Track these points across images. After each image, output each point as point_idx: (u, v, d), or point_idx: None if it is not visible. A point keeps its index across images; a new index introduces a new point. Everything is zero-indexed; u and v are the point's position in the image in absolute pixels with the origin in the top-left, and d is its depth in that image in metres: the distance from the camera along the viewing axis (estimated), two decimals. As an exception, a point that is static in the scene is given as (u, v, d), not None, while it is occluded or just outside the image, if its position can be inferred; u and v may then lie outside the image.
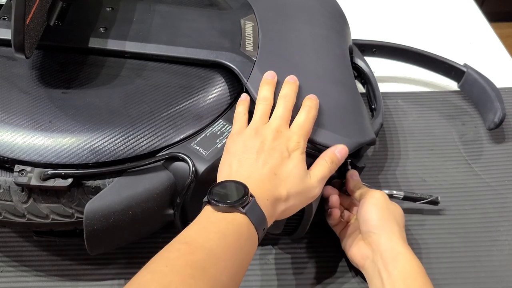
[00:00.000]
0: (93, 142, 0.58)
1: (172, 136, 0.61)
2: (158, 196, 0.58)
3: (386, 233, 0.61)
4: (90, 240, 0.57)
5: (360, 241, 0.64)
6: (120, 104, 0.62)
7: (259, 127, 0.59)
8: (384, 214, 0.63)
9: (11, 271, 0.65)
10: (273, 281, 0.67)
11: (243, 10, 0.75)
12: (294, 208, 0.58)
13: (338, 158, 0.61)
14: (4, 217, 0.58)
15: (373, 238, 0.62)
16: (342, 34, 0.79)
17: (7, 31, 0.63)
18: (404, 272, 0.59)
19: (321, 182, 0.60)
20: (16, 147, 0.57)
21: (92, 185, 0.57)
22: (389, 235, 0.61)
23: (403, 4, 1.12)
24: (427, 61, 0.88)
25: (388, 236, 0.61)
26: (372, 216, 0.62)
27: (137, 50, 0.67)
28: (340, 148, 0.62)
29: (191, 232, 0.50)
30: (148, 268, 0.46)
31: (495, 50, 1.02)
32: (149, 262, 0.47)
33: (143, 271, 0.46)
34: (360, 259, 0.64)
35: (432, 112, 0.88)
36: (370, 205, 0.63)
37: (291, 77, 0.64)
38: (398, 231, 0.62)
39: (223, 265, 0.48)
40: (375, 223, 0.62)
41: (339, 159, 0.62)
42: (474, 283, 0.68)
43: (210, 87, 0.66)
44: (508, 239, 0.72)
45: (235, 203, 0.51)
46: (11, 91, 0.62)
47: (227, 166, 0.57)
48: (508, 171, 0.80)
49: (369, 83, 0.81)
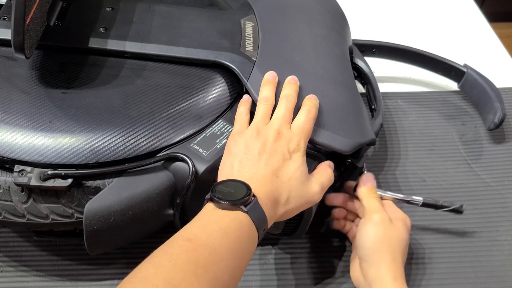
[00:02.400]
0: (93, 142, 0.58)
1: (172, 137, 0.61)
2: (158, 197, 0.58)
3: (376, 264, 0.60)
4: (90, 240, 0.57)
5: (357, 262, 0.63)
6: (120, 104, 0.62)
7: (260, 127, 0.59)
8: (378, 242, 0.60)
9: (11, 271, 0.65)
10: (273, 281, 0.67)
11: (243, 10, 0.75)
12: (294, 211, 0.58)
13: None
14: (4, 217, 0.58)
15: (364, 265, 0.61)
16: (342, 34, 0.79)
17: (7, 31, 0.63)
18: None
19: (323, 188, 0.60)
20: (16, 147, 0.57)
21: (92, 185, 0.57)
22: (378, 266, 0.60)
23: (403, 4, 1.12)
24: (427, 61, 0.88)
25: (377, 267, 0.60)
26: (366, 243, 0.61)
27: (137, 50, 0.67)
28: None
29: (194, 229, 0.50)
30: (151, 262, 0.47)
31: (495, 50, 1.02)
32: (152, 255, 0.47)
33: (145, 264, 0.46)
34: (354, 281, 0.63)
35: (432, 112, 0.88)
36: (366, 229, 0.61)
37: (292, 78, 0.64)
38: (390, 261, 0.60)
39: (224, 264, 0.48)
40: (366, 252, 0.61)
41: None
42: (474, 283, 0.68)
43: (210, 87, 0.66)
44: (508, 239, 0.72)
45: (237, 201, 0.51)
46: (11, 91, 0.62)
47: (229, 167, 0.57)
48: (508, 171, 0.80)
49: (369, 83, 0.81)
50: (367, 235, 0.61)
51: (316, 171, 0.61)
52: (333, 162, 0.63)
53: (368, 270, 0.60)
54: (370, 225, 0.61)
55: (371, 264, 0.60)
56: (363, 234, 0.61)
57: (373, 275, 0.60)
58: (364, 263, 0.61)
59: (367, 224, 0.62)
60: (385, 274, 0.59)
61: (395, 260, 0.60)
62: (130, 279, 0.45)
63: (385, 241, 0.61)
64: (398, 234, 0.62)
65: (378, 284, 0.59)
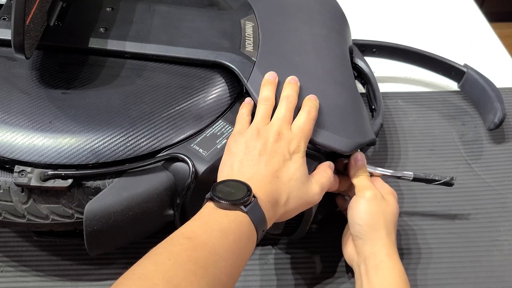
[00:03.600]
0: (93, 142, 0.58)
1: (172, 137, 0.61)
2: (158, 197, 0.58)
3: (371, 240, 0.60)
4: (90, 240, 0.57)
5: (350, 241, 0.64)
6: (120, 105, 0.62)
7: (260, 128, 0.59)
8: (373, 219, 0.61)
9: (11, 271, 0.65)
10: (273, 281, 0.67)
11: (243, 10, 0.75)
12: (294, 211, 0.58)
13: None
14: (4, 218, 0.58)
15: (358, 242, 0.61)
16: (342, 34, 0.79)
17: (7, 31, 0.63)
18: (383, 281, 0.58)
19: (323, 189, 0.60)
20: (16, 147, 0.57)
21: (92, 185, 0.57)
22: (374, 242, 0.60)
23: (403, 4, 1.12)
24: (427, 61, 0.88)
25: (373, 243, 0.60)
26: (359, 220, 0.61)
27: (137, 50, 0.67)
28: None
29: (194, 228, 0.50)
30: (151, 259, 0.46)
31: (495, 50, 1.02)
32: (151, 252, 0.47)
33: (145, 261, 0.46)
34: (349, 260, 0.64)
35: (432, 112, 0.88)
36: (358, 207, 0.62)
37: (293, 78, 0.64)
38: (386, 236, 0.60)
39: (223, 264, 0.48)
40: (361, 229, 0.61)
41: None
42: (474, 283, 0.68)
43: (210, 87, 0.66)
44: (508, 239, 0.72)
45: (237, 201, 0.51)
46: (11, 92, 0.62)
47: (229, 167, 0.57)
48: (508, 171, 0.80)
49: (369, 83, 0.81)
50: (360, 212, 0.61)
51: (316, 172, 0.61)
52: (333, 162, 0.63)
53: (363, 247, 0.60)
54: (363, 202, 0.62)
55: (366, 241, 0.60)
56: (356, 211, 0.62)
57: (368, 250, 0.60)
58: (359, 240, 0.61)
59: (359, 201, 0.62)
60: (380, 249, 0.60)
61: (389, 234, 0.61)
62: (129, 276, 0.45)
63: (380, 217, 0.61)
64: (391, 209, 0.63)
65: (373, 259, 0.59)
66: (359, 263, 0.61)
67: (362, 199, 0.62)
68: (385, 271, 0.59)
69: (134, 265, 0.46)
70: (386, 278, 0.58)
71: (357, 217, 0.61)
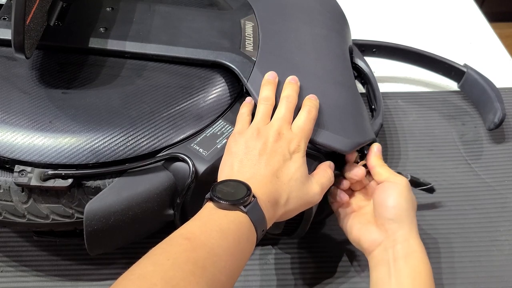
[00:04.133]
0: (93, 142, 0.58)
1: (172, 137, 0.61)
2: (158, 197, 0.58)
3: (407, 226, 0.60)
4: (90, 240, 0.57)
5: (372, 225, 0.62)
6: (120, 104, 0.62)
7: (261, 127, 0.59)
8: (408, 204, 0.61)
9: (11, 271, 0.65)
10: (273, 281, 0.67)
11: (243, 10, 0.75)
12: (294, 211, 0.58)
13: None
14: (4, 218, 0.58)
15: (391, 226, 0.60)
16: (342, 34, 0.79)
17: (7, 31, 0.63)
18: (414, 272, 0.58)
19: (323, 189, 0.60)
20: (16, 147, 0.57)
21: (92, 185, 0.57)
22: (409, 228, 0.60)
23: (403, 4, 1.12)
24: (427, 61, 0.88)
25: (408, 230, 0.60)
26: (395, 203, 0.60)
27: (137, 50, 0.67)
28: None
29: (193, 228, 0.50)
30: (150, 259, 0.46)
31: (495, 50, 1.02)
32: (150, 253, 0.47)
33: (144, 262, 0.46)
34: (370, 245, 0.61)
35: (432, 112, 0.88)
36: (394, 191, 0.61)
37: (293, 78, 0.64)
38: (415, 223, 0.61)
39: (222, 265, 0.48)
40: (397, 212, 0.60)
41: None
42: (474, 283, 0.68)
43: (210, 87, 0.66)
44: (508, 239, 0.72)
45: (237, 201, 0.51)
46: (11, 91, 0.62)
47: (229, 166, 0.57)
48: (508, 171, 0.80)
49: (369, 83, 0.81)
50: (396, 196, 0.61)
51: (316, 172, 0.61)
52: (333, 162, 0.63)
53: (397, 231, 0.60)
54: (399, 187, 0.61)
55: (400, 226, 0.60)
56: (390, 194, 0.61)
57: (402, 236, 0.59)
58: (392, 223, 0.60)
59: (393, 185, 0.61)
60: (414, 238, 0.60)
61: (415, 221, 0.61)
62: (128, 276, 0.45)
63: (412, 203, 0.62)
64: (415, 201, 0.63)
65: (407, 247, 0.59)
66: (387, 248, 0.60)
67: (395, 185, 0.61)
68: (416, 261, 0.58)
69: (133, 265, 0.46)
70: (417, 269, 0.58)
71: (392, 199, 0.61)
